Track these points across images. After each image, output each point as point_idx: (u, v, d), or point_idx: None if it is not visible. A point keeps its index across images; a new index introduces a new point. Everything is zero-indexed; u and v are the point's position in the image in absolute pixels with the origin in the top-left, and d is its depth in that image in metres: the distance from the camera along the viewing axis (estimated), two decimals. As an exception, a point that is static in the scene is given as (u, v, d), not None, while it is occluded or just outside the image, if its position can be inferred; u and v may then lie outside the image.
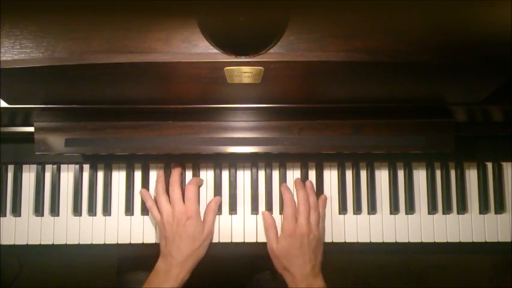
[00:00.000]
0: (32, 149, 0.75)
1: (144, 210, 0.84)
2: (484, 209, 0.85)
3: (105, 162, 0.84)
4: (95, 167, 0.85)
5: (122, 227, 0.84)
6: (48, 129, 0.74)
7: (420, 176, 0.86)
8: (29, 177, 0.85)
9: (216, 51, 0.57)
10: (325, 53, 0.57)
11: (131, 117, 0.74)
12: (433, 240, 0.84)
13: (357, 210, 0.84)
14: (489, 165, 0.86)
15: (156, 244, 0.83)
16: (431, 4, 0.56)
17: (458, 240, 0.84)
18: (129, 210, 0.84)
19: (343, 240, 0.84)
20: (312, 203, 0.80)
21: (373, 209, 0.84)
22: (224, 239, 0.83)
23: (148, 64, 0.58)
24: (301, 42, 0.57)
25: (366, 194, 0.85)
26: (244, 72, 0.60)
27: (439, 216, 0.85)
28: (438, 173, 0.86)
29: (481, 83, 0.65)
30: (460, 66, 0.59)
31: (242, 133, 0.75)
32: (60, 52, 0.57)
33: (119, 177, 0.85)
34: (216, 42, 0.56)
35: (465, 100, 0.72)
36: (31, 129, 0.76)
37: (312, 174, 0.85)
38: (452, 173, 0.86)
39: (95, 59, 0.57)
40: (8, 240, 0.83)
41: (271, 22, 0.55)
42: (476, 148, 0.86)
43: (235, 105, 0.73)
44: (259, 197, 0.85)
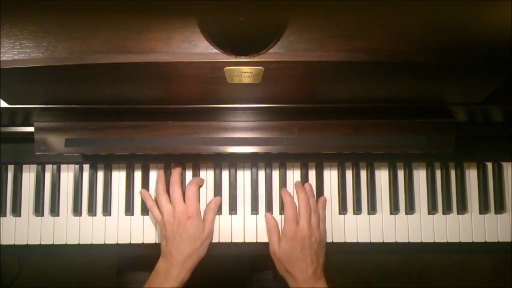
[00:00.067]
0: (32, 149, 0.75)
1: (144, 210, 0.84)
2: (484, 209, 0.85)
3: (105, 162, 0.84)
4: (95, 167, 0.85)
5: (122, 227, 0.84)
6: (48, 129, 0.74)
7: (420, 176, 0.86)
8: (29, 177, 0.85)
9: (216, 51, 0.57)
10: (325, 53, 0.57)
11: (131, 117, 0.74)
12: (433, 240, 0.84)
13: (357, 210, 0.84)
14: (489, 165, 0.86)
15: (156, 244, 0.83)
16: (431, 4, 0.56)
17: (458, 240, 0.84)
18: (129, 210, 0.84)
19: (343, 240, 0.84)
20: (312, 205, 0.80)
21: (373, 209, 0.84)
22: (224, 239, 0.83)
23: (148, 64, 0.58)
24: (301, 42, 0.57)
25: (366, 194, 0.85)
26: (244, 72, 0.60)
27: (439, 216, 0.85)
28: (438, 173, 0.86)
29: (481, 83, 0.65)
30: (460, 66, 0.59)
31: (242, 133, 0.75)
32: (60, 52, 0.57)
33: (119, 177, 0.85)
34: (216, 42, 0.56)
35: (465, 100, 0.72)
36: (31, 129, 0.76)
37: (312, 174, 0.85)
38: (452, 173, 0.86)
39: (95, 59, 0.57)
40: (8, 240, 0.83)
41: (271, 22, 0.55)
42: (476, 148, 0.86)
43: (235, 105, 0.73)
44: (259, 197, 0.85)
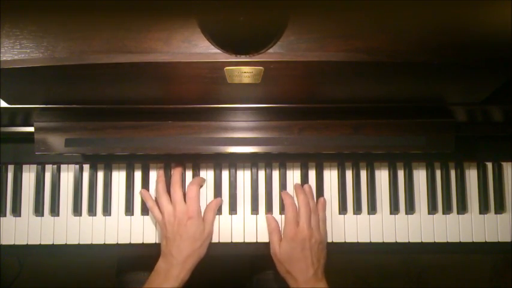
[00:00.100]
0: (32, 149, 0.75)
1: (144, 210, 0.84)
2: (484, 209, 0.85)
3: (105, 162, 0.84)
4: (95, 167, 0.85)
5: (122, 227, 0.84)
6: (48, 129, 0.74)
7: (420, 176, 0.86)
8: (29, 177, 0.85)
9: (216, 51, 0.57)
10: (325, 53, 0.57)
11: (131, 117, 0.74)
12: (433, 240, 0.84)
13: (357, 210, 0.84)
14: (489, 165, 0.86)
15: (156, 244, 0.83)
16: (431, 4, 0.56)
17: (458, 240, 0.84)
18: (129, 210, 0.83)
19: (343, 241, 0.84)
20: (311, 207, 0.80)
21: (373, 209, 0.84)
22: (224, 239, 0.83)
23: (148, 64, 0.58)
24: (301, 42, 0.57)
25: (366, 194, 0.85)
26: (244, 72, 0.60)
27: (439, 216, 0.85)
28: (438, 173, 0.86)
29: (481, 83, 0.65)
30: (460, 66, 0.59)
31: (242, 133, 0.75)
32: (60, 52, 0.57)
33: (119, 177, 0.85)
34: (216, 41, 0.56)
35: (465, 100, 0.72)
36: (31, 129, 0.76)
37: (312, 174, 0.85)
38: (452, 173, 0.86)
39: (95, 59, 0.57)
40: (8, 240, 0.83)
41: (271, 22, 0.55)
42: (476, 148, 0.86)
43: (235, 105, 0.73)
44: (259, 197, 0.85)
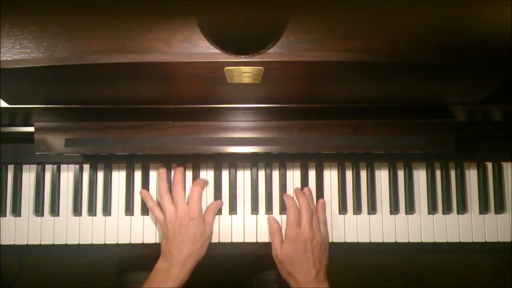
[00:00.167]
0: (32, 149, 0.75)
1: (144, 210, 0.84)
2: (484, 209, 0.85)
3: (105, 162, 0.84)
4: (95, 167, 0.85)
5: (122, 227, 0.84)
6: (48, 129, 0.74)
7: (420, 176, 0.86)
8: (29, 177, 0.85)
9: (216, 51, 0.57)
10: (325, 53, 0.57)
11: (131, 117, 0.74)
12: (433, 240, 0.84)
13: (357, 210, 0.84)
14: (489, 165, 0.86)
15: (156, 244, 0.83)
16: (431, 4, 0.56)
17: (458, 240, 0.84)
18: (129, 210, 0.83)
19: (343, 241, 0.84)
20: (312, 209, 0.80)
21: (373, 209, 0.84)
22: (224, 239, 0.83)
23: (148, 64, 0.58)
24: (301, 42, 0.57)
25: (366, 194, 0.85)
26: (244, 72, 0.60)
27: (439, 216, 0.85)
28: (438, 173, 0.86)
29: (481, 83, 0.65)
30: (460, 66, 0.59)
31: (242, 133, 0.75)
32: (60, 52, 0.57)
33: (119, 177, 0.85)
34: (216, 41, 0.56)
35: (465, 100, 0.72)
36: (31, 129, 0.76)
37: (312, 174, 0.85)
38: (452, 173, 0.86)
39: (95, 59, 0.57)
40: (8, 240, 0.83)
41: (271, 22, 0.55)
42: (476, 148, 0.86)
43: (235, 105, 0.73)
44: (259, 197, 0.85)
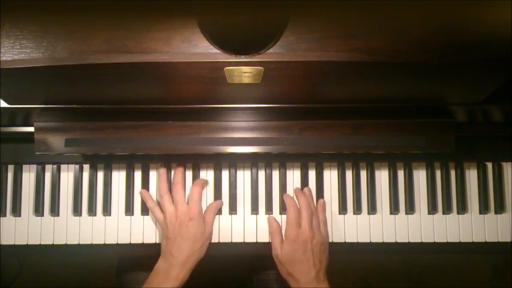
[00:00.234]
0: (32, 149, 0.75)
1: (144, 210, 0.84)
2: (484, 209, 0.85)
3: (105, 162, 0.84)
4: (95, 167, 0.85)
5: (122, 227, 0.84)
6: (48, 129, 0.74)
7: (420, 176, 0.86)
8: (29, 177, 0.85)
9: (216, 51, 0.57)
10: (325, 53, 0.57)
11: (131, 117, 0.74)
12: (433, 240, 0.84)
13: (357, 210, 0.84)
14: (489, 165, 0.86)
15: (156, 244, 0.83)
16: (431, 4, 0.56)
17: (458, 240, 0.84)
18: (129, 210, 0.83)
19: (343, 240, 0.84)
20: (312, 209, 0.80)
21: (373, 209, 0.84)
22: (224, 239, 0.83)
23: (148, 64, 0.58)
24: (301, 42, 0.57)
25: (366, 194, 0.85)
26: (244, 72, 0.60)
27: (439, 216, 0.85)
28: (438, 173, 0.86)
29: (481, 83, 0.65)
30: (460, 66, 0.59)
31: (242, 133, 0.75)
32: (60, 52, 0.57)
33: (118, 177, 0.85)
34: (216, 41, 0.56)
35: (465, 100, 0.72)
36: (31, 129, 0.76)
37: (312, 174, 0.85)
38: (452, 173, 0.86)
39: (95, 59, 0.57)
40: (8, 240, 0.83)
41: (271, 22, 0.55)
42: (476, 148, 0.86)
43: (235, 105, 0.73)
44: (259, 197, 0.85)
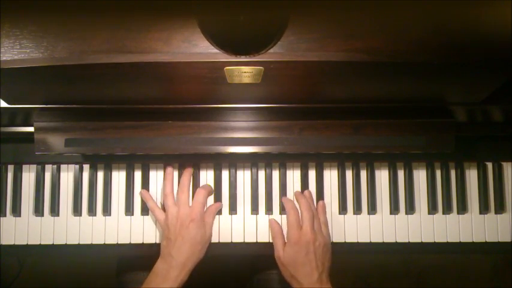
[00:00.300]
0: (32, 149, 0.75)
1: (144, 210, 0.84)
2: (484, 209, 0.85)
3: (105, 162, 0.84)
4: (95, 167, 0.85)
5: (122, 227, 0.84)
6: (48, 129, 0.74)
7: (420, 176, 0.86)
8: (29, 177, 0.85)
9: (216, 51, 0.57)
10: (325, 53, 0.57)
11: (131, 117, 0.74)
12: (433, 240, 0.84)
13: (357, 210, 0.84)
14: (489, 165, 0.86)
15: (156, 244, 0.83)
16: (432, 4, 0.56)
17: (458, 240, 0.84)
18: (129, 210, 0.83)
19: (343, 240, 0.84)
20: (312, 211, 0.80)
21: (373, 209, 0.84)
22: (224, 239, 0.83)
23: (148, 64, 0.58)
24: (301, 42, 0.57)
25: (366, 194, 0.85)
26: (244, 72, 0.60)
27: (439, 216, 0.85)
28: (438, 173, 0.86)
29: (481, 83, 0.65)
30: (460, 66, 0.59)
31: (242, 133, 0.75)
32: (60, 52, 0.57)
33: (118, 177, 0.85)
34: (216, 41, 0.56)
35: (465, 100, 0.72)
36: (31, 129, 0.76)
37: (312, 174, 0.85)
38: (452, 173, 0.86)
39: (94, 59, 0.57)
40: (8, 240, 0.83)
41: (271, 22, 0.55)
42: (476, 148, 0.86)
43: (235, 105, 0.73)
44: (259, 197, 0.85)
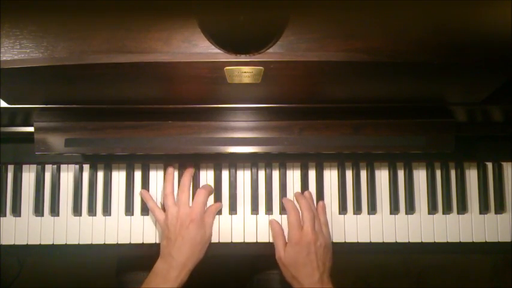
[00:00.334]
0: (32, 149, 0.75)
1: (144, 210, 0.84)
2: (484, 209, 0.85)
3: (105, 162, 0.84)
4: (95, 167, 0.85)
5: (122, 227, 0.84)
6: (48, 129, 0.74)
7: (420, 176, 0.86)
8: (29, 177, 0.85)
9: (216, 51, 0.57)
10: (325, 53, 0.57)
11: (131, 117, 0.74)
12: (433, 240, 0.84)
13: (357, 210, 0.84)
14: (489, 165, 0.86)
15: (156, 244, 0.83)
16: (432, 4, 0.56)
17: (458, 240, 0.84)
18: (129, 210, 0.83)
19: (343, 240, 0.84)
20: (313, 211, 0.80)
21: (373, 209, 0.84)
22: (224, 239, 0.83)
23: (148, 64, 0.58)
24: (301, 42, 0.57)
25: (366, 194, 0.85)
26: (244, 72, 0.60)
27: (439, 216, 0.85)
28: (438, 173, 0.86)
29: (481, 83, 0.65)
30: (460, 66, 0.59)
31: (242, 133, 0.75)
32: (60, 52, 0.57)
33: (118, 177, 0.85)
34: (216, 41, 0.56)
35: (465, 100, 0.72)
36: (31, 129, 0.76)
37: (312, 174, 0.85)
38: (452, 173, 0.86)
39: (94, 59, 0.57)
40: (8, 240, 0.83)
41: (271, 22, 0.55)
42: (476, 148, 0.86)
43: (235, 105, 0.73)
44: (259, 197, 0.85)
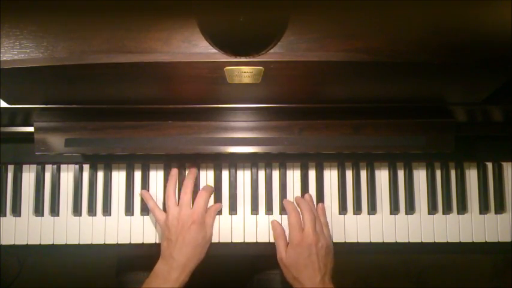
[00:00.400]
0: (32, 149, 0.75)
1: (144, 210, 0.84)
2: (484, 209, 0.85)
3: (105, 162, 0.84)
4: (95, 167, 0.85)
5: (122, 227, 0.84)
6: (48, 129, 0.74)
7: (420, 176, 0.86)
8: (29, 177, 0.85)
9: (216, 51, 0.57)
10: (325, 53, 0.57)
11: (131, 117, 0.74)
12: (433, 240, 0.84)
13: (357, 210, 0.84)
14: (489, 165, 0.86)
15: (156, 244, 0.83)
16: (431, 4, 0.56)
17: (458, 240, 0.84)
18: (129, 210, 0.83)
19: (343, 241, 0.84)
20: (314, 213, 0.80)
21: (373, 209, 0.84)
22: (224, 239, 0.83)
23: (148, 64, 0.58)
24: (301, 42, 0.57)
25: (366, 194, 0.85)
26: (244, 72, 0.60)
27: (439, 216, 0.85)
28: (438, 173, 0.86)
29: (481, 83, 0.65)
30: (460, 66, 0.59)
31: (242, 133, 0.75)
32: (60, 52, 0.57)
33: (118, 177, 0.85)
34: (216, 42, 0.56)
35: (465, 100, 0.72)
36: (31, 129, 0.76)
37: (312, 174, 0.85)
38: (452, 173, 0.86)
39: (94, 59, 0.57)
40: (8, 240, 0.83)
41: (271, 22, 0.55)
42: (476, 148, 0.86)
43: (235, 105, 0.73)
44: (259, 197, 0.85)
